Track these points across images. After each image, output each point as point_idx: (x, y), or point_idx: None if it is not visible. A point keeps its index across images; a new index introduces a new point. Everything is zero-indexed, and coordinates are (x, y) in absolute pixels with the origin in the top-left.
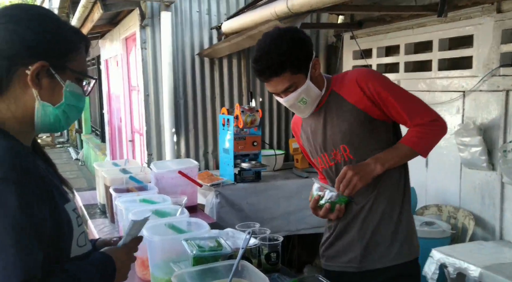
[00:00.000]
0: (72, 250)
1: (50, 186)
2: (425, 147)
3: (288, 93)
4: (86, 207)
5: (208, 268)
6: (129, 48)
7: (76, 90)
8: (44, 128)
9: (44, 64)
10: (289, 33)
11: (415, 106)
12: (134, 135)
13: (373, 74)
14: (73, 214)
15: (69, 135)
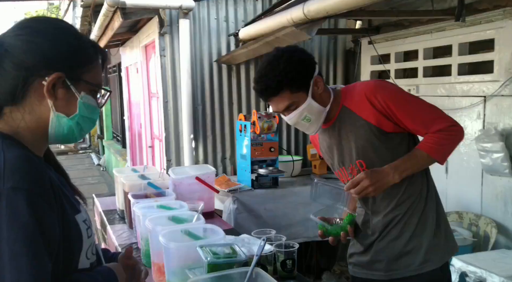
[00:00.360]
0: (80, 261)
1: (60, 197)
2: (443, 153)
3: (290, 111)
4: (106, 212)
5: (222, 275)
6: (148, 56)
7: (90, 102)
8: (58, 139)
9: (61, 75)
10: (286, 53)
11: (429, 115)
12: (153, 141)
13: (380, 86)
14: (84, 225)
15: (91, 141)
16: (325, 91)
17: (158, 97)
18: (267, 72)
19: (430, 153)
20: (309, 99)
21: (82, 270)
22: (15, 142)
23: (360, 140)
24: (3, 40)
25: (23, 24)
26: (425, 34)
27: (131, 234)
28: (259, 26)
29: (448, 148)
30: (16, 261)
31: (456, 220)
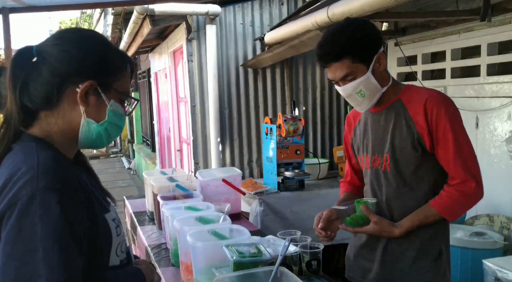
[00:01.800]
0: (111, 259)
1: (90, 197)
2: (456, 214)
3: (346, 82)
4: (136, 214)
5: (248, 273)
6: (176, 61)
7: (118, 109)
8: (86, 143)
9: (93, 83)
10: (355, 23)
11: (465, 159)
12: (182, 144)
13: (445, 102)
14: (113, 223)
15: (122, 145)
16: (386, 72)
17: (186, 101)
18: (333, 38)
19: (442, 213)
20: (369, 73)
21: (113, 267)
22: (48, 145)
23: (399, 139)
24: (41, 49)
25: (60, 35)
26: (453, 35)
27: (160, 235)
28: (284, 30)
29: (461, 210)
30: (49, 258)
31: (487, 223)
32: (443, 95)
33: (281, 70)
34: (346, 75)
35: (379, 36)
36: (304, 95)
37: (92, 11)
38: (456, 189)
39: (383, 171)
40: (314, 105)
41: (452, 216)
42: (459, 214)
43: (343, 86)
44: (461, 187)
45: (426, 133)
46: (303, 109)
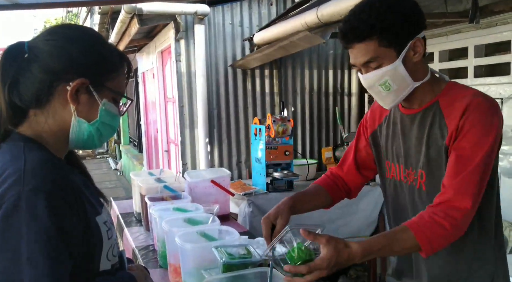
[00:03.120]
0: (101, 263)
1: (81, 199)
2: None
3: (369, 70)
4: (123, 215)
5: (237, 275)
6: (164, 61)
7: (112, 109)
8: (78, 144)
9: (85, 81)
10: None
11: (466, 178)
12: (169, 145)
13: (484, 110)
14: (104, 227)
15: (108, 146)
16: (423, 63)
17: (174, 101)
18: (361, 11)
19: (419, 239)
20: (398, 62)
21: (103, 272)
22: (37, 145)
23: (432, 149)
24: (33, 45)
25: (52, 30)
26: (441, 37)
27: (147, 236)
28: (274, 30)
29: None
30: (34, 262)
31: None
32: (490, 101)
33: (270, 71)
34: (370, 61)
35: (420, 17)
36: (293, 96)
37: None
38: (444, 212)
39: (418, 189)
40: (303, 106)
41: (429, 247)
42: (439, 246)
43: (365, 74)
44: (452, 209)
45: (451, 142)
46: (292, 110)
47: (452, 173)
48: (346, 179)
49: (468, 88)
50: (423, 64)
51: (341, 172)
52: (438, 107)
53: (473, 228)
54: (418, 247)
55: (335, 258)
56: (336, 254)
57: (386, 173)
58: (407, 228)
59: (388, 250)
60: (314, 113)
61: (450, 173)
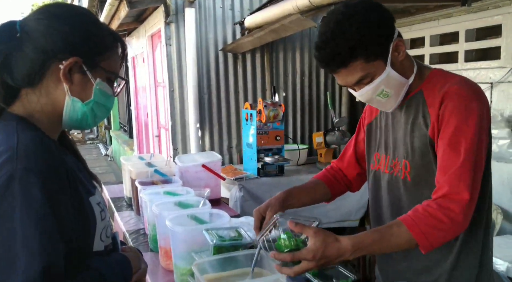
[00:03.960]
0: (95, 244)
1: (74, 179)
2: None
3: (362, 85)
4: (113, 200)
5: (228, 257)
6: (154, 45)
7: (106, 89)
8: (71, 124)
9: (78, 60)
10: (360, 10)
11: (459, 170)
12: (160, 130)
13: (464, 95)
14: (97, 207)
15: (98, 131)
16: (407, 58)
17: (164, 86)
18: (335, 36)
19: (415, 234)
20: (388, 69)
21: (96, 253)
22: (30, 125)
23: (416, 139)
24: (24, 24)
25: (45, 9)
26: (432, 21)
27: (138, 221)
28: (265, 14)
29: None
30: (28, 241)
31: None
32: (468, 87)
33: (261, 55)
34: (361, 79)
35: (391, 17)
36: (284, 81)
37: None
38: (438, 204)
39: (402, 180)
40: (294, 91)
41: (427, 242)
42: (437, 241)
43: (359, 91)
44: (448, 202)
45: (434, 133)
46: (283, 95)
47: (443, 168)
48: (346, 171)
49: (451, 75)
50: (408, 58)
51: (342, 165)
52: (422, 96)
53: None
54: (413, 242)
55: (322, 251)
56: (324, 247)
57: (371, 165)
58: (401, 223)
59: (381, 245)
60: (305, 97)
61: (441, 168)
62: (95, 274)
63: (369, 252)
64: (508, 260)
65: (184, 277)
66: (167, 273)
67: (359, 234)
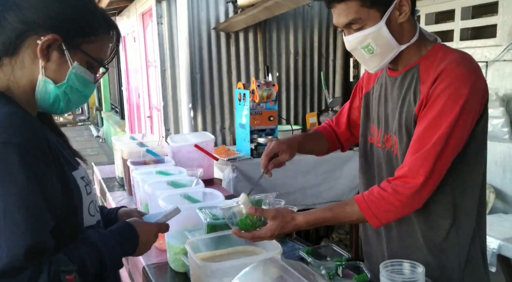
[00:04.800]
0: (85, 219)
1: (57, 154)
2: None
3: (351, 31)
4: (105, 180)
5: (221, 235)
6: (145, 24)
7: (84, 74)
8: (43, 106)
9: (57, 38)
10: None
11: (433, 149)
12: (152, 111)
13: (456, 78)
14: (82, 181)
15: (89, 113)
16: (410, 24)
17: (155, 66)
18: None
19: (365, 215)
20: (381, 24)
21: (89, 228)
22: (5, 98)
23: (406, 117)
24: None
25: None
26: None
27: (130, 201)
28: None
29: (391, 217)
30: (12, 217)
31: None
32: (465, 66)
33: (254, 34)
34: (351, 22)
35: None
36: (277, 60)
37: None
38: (393, 187)
39: (395, 156)
40: (287, 71)
41: (377, 221)
42: (387, 220)
43: (347, 36)
44: (401, 186)
45: (420, 110)
46: (277, 75)
47: (412, 149)
48: (339, 134)
49: (452, 51)
50: (411, 24)
51: (336, 127)
52: (417, 71)
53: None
54: (364, 220)
55: (279, 230)
56: (280, 227)
57: (369, 138)
58: (354, 203)
59: (334, 222)
60: (299, 77)
61: (410, 149)
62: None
63: (323, 225)
64: (500, 238)
65: (177, 256)
66: (160, 253)
67: (314, 212)
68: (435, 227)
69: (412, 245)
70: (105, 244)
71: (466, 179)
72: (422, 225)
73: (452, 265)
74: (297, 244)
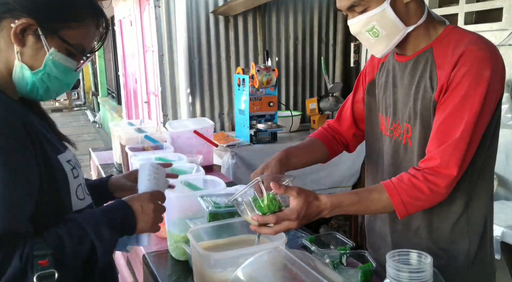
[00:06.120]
0: (73, 203)
1: (38, 137)
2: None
3: (355, 14)
4: (103, 166)
5: (224, 224)
6: (142, 7)
7: (63, 61)
8: (21, 91)
9: (32, 22)
10: None
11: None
12: (149, 96)
13: (478, 60)
14: (68, 165)
15: (86, 98)
16: (416, 4)
17: (153, 50)
18: None
19: (394, 202)
20: (386, 5)
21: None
22: None
23: (421, 104)
24: None
25: None
26: None
27: None
28: None
29: (420, 207)
30: None
31: None
32: (484, 47)
33: (254, 19)
34: (353, 5)
35: None
36: (277, 45)
37: None
38: (424, 176)
39: (404, 145)
40: (287, 56)
41: (405, 210)
42: (414, 209)
43: (351, 19)
44: (435, 176)
45: (441, 97)
46: (276, 60)
47: (438, 137)
48: (342, 131)
49: (466, 33)
50: (417, 4)
51: (338, 125)
52: (431, 55)
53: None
54: (391, 209)
55: (305, 210)
56: (306, 206)
57: (376, 126)
58: (384, 189)
59: (359, 208)
60: (299, 63)
61: (436, 136)
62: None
63: (346, 212)
64: (503, 225)
65: (178, 244)
66: (160, 241)
67: (339, 194)
68: (445, 215)
69: (419, 235)
70: (86, 219)
71: (482, 163)
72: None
73: (461, 254)
74: (300, 232)
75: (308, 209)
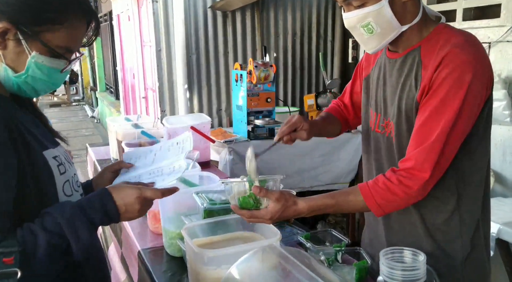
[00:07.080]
0: (60, 199)
1: (22, 134)
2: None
3: (351, 8)
4: (100, 161)
5: (219, 221)
6: (140, 1)
7: (47, 63)
8: (10, 90)
9: (9, 27)
10: None
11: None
12: (147, 91)
13: (461, 63)
14: (53, 161)
15: (84, 93)
16: (414, 3)
17: (150, 46)
18: None
19: (369, 205)
20: (384, 2)
21: None
22: None
23: (405, 102)
24: None
25: None
26: None
27: None
28: None
29: (394, 208)
30: None
31: None
32: (469, 50)
33: (252, 14)
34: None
35: None
36: (275, 41)
37: None
38: (399, 179)
39: (394, 142)
40: (285, 52)
41: (380, 212)
42: (390, 210)
43: (347, 13)
44: (408, 178)
45: (422, 97)
46: (274, 56)
47: (415, 139)
48: (346, 114)
49: (455, 33)
50: (414, 4)
51: (344, 108)
52: (419, 54)
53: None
54: (367, 209)
55: (280, 213)
56: (282, 211)
57: (370, 122)
58: (358, 192)
59: (337, 209)
60: (297, 59)
61: (414, 139)
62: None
63: (324, 213)
64: (500, 222)
65: (173, 241)
66: (156, 237)
67: (317, 198)
68: (437, 213)
69: (413, 233)
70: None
71: (470, 165)
72: (423, 212)
73: (455, 252)
74: (296, 229)
75: (283, 212)
